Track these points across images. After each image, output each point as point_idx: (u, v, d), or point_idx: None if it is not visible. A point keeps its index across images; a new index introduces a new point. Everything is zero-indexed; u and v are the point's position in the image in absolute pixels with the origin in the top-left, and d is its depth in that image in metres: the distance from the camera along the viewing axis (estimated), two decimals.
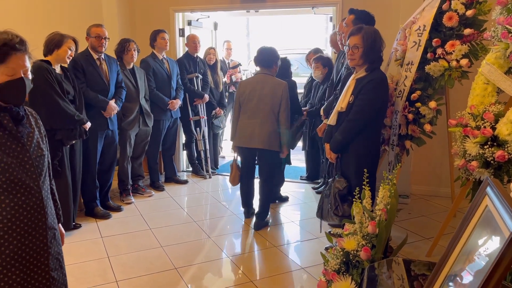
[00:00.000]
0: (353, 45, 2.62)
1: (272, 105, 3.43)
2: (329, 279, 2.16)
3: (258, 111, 3.44)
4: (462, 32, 2.83)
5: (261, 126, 3.43)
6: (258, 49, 3.59)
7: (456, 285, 1.09)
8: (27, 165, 1.43)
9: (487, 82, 2.44)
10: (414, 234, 3.34)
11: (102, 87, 3.61)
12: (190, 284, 2.65)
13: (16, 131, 1.42)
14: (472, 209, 1.18)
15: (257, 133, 3.44)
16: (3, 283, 1.40)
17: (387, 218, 2.07)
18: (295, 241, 3.36)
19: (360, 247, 2.04)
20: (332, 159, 2.82)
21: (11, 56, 1.36)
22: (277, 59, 3.55)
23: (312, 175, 4.87)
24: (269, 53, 3.51)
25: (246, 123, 3.49)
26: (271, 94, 3.43)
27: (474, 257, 1.07)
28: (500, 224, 0.97)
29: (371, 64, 2.63)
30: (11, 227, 1.40)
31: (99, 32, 3.58)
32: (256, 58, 3.56)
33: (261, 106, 3.44)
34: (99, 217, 3.69)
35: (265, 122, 3.43)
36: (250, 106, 3.48)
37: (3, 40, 1.36)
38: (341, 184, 2.74)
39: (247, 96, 3.49)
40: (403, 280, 1.55)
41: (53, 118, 3.13)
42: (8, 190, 1.39)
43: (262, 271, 2.83)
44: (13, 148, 1.41)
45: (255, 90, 3.47)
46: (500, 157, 2.15)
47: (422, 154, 4.14)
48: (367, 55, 2.60)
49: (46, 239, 1.51)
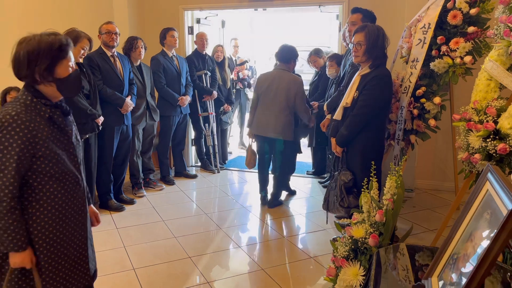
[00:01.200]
0: (356, 42, 2.73)
1: (287, 99, 3.71)
2: (338, 265, 2.27)
3: (274, 104, 3.73)
4: (466, 30, 2.92)
5: (276, 117, 3.72)
6: (279, 46, 3.88)
7: (459, 261, 1.19)
8: (71, 155, 1.61)
9: (490, 78, 2.53)
10: (418, 226, 3.45)
11: (118, 83, 3.73)
12: (204, 272, 2.77)
13: (64, 125, 1.59)
14: (474, 194, 1.29)
15: (272, 124, 3.74)
16: (67, 257, 1.62)
17: (394, 207, 2.18)
18: (303, 232, 3.47)
19: (368, 235, 2.15)
20: (338, 153, 2.93)
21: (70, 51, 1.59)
22: (295, 57, 3.85)
23: (319, 170, 4.97)
24: (289, 50, 3.81)
25: (263, 114, 3.80)
26: (286, 89, 3.71)
27: (476, 237, 1.17)
28: (499, 205, 1.07)
29: (374, 61, 2.73)
30: (65, 214, 1.59)
31: (109, 28, 3.70)
32: (277, 53, 3.85)
33: (277, 99, 3.72)
34: (113, 210, 3.82)
35: (280, 114, 3.72)
36: (267, 99, 3.77)
37: (66, 40, 1.57)
38: (346, 177, 2.84)
39: (265, 89, 3.79)
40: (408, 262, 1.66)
41: None
42: (60, 179, 1.56)
43: (272, 260, 2.95)
44: (61, 140, 1.58)
45: (272, 84, 3.76)
46: (502, 150, 2.25)
47: (426, 149, 4.24)
48: (370, 52, 2.70)
49: (86, 222, 1.70)
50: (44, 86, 1.54)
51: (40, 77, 1.52)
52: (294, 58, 3.82)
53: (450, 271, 1.22)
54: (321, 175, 4.92)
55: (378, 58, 2.73)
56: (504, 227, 0.96)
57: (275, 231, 3.47)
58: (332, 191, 2.98)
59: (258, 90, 3.88)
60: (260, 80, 3.89)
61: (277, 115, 3.72)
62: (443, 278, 1.25)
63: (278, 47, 3.88)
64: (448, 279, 1.20)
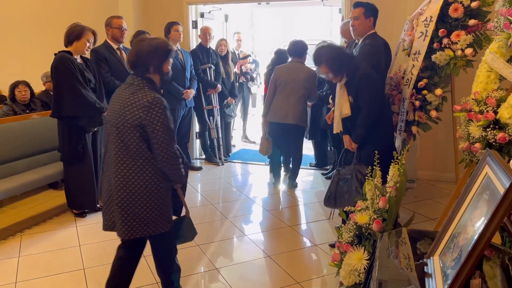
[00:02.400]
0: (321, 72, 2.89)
1: (306, 88, 4.07)
2: (343, 251, 2.36)
3: (292, 93, 4.06)
4: (467, 23, 2.98)
5: (295, 105, 4.07)
6: (290, 42, 4.25)
7: (459, 240, 1.27)
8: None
9: (490, 70, 2.59)
10: (420, 215, 3.53)
11: (125, 75, 3.73)
12: (212, 259, 2.86)
13: None
14: (473, 177, 1.37)
15: (291, 111, 4.07)
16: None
17: (396, 194, 2.26)
18: (308, 222, 3.56)
19: (372, 221, 2.23)
20: (353, 149, 2.97)
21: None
22: (306, 49, 4.19)
23: (321, 162, 5.06)
24: (300, 45, 4.18)
25: (282, 103, 4.11)
26: (305, 80, 4.06)
27: (475, 217, 1.25)
28: (498, 186, 1.15)
29: (348, 73, 2.81)
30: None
31: (121, 23, 3.78)
32: (289, 49, 4.22)
33: (295, 88, 4.06)
34: None
35: (298, 102, 4.08)
36: (287, 89, 4.09)
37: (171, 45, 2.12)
38: (363, 169, 2.88)
39: (284, 80, 4.10)
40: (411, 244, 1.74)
41: (76, 105, 3.31)
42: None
43: (278, 248, 3.04)
44: None
45: (291, 75, 4.09)
46: (502, 139, 2.33)
47: (428, 140, 4.31)
48: (339, 70, 2.81)
49: None
50: (153, 75, 2.02)
51: (153, 69, 2.00)
52: (305, 51, 4.18)
53: (450, 249, 1.30)
54: (324, 166, 5.01)
55: (350, 70, 2.81)
56: (501, 203, 1.03)
57: (280, 220, 3.56)
58: (343, 183, 2.99)
59: (276, 80, 4.14)
60: (278, 72, 4.16)
61: (295, 103, 4.06)
62: (444, 256, 1.33)
63: (289, 43, 4.22)
64: (449, 256, 1.28)
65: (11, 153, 3.61)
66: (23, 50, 5.61)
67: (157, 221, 2.05)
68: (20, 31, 5.57)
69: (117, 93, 2.04)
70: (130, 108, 1.92)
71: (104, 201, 2.12)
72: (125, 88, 2.00)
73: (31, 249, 3.02)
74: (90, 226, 3.41)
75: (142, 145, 1.94)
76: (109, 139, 2.02)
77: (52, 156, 3.89)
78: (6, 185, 3.28)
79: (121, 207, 1.99)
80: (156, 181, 2.00)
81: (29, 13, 5.47)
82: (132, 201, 1.98)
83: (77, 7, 5.23)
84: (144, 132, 1.92)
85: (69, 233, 3.28)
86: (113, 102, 2.03)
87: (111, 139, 2.00)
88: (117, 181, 1.98)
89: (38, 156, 3.86)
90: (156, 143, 1.93)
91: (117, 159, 1.97)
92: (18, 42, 5.62)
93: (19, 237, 3.22)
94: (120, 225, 2.02)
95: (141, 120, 1.90)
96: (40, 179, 3.59)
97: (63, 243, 3.12)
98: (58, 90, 3.31)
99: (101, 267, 2.75)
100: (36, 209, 3.77)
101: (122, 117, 1.93)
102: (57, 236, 3.23)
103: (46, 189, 4.29)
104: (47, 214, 3.67)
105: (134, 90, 1.96)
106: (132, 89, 1.96)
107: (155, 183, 2.00)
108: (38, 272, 2.71)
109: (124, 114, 1.93)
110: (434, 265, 1.35)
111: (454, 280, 1.11)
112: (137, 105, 1.91)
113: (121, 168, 1.97)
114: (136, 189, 1.98)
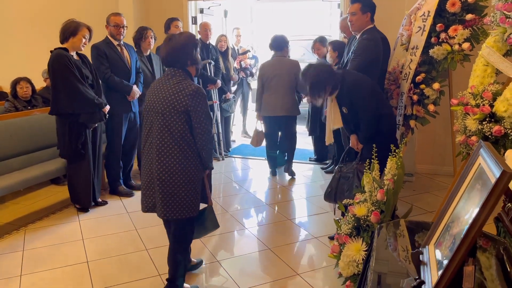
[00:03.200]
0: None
1: (290, 79, 4.26)
2: (341, 242, 2.40)
3: (278, 87, 4.27)
4: (464, 18, 3.02)
5: (283, 98, 4.28)
6: (271, 37, 4.40)
7: (453, 228, 1.32)
8: None
9: (486, 64, 2.63)
10: (418, 208, 3.58)
11: (125, 71, 3.82)
12: (214, 252, 2.91)
13: None
14: (467, 168, 1.41)
15: (280, 104, 4.29)
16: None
17: (394, 187, 2.30)
18: (307, 215, 3.61)
19: (370, 213, 2.27)
20: (358, 149, 3.00)
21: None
22: (287, 43, 4.36)
23: (320, 157, 5.10)
24: (280, 39, 4.37)
25: (270, 98, 4.32)
26: (288, 72, 4.26)
27: (468, 205, 1.29)
28: (490, 176, 1.19)
29: (334, 89, 2.86)
30: None
31: (117, 21, 3.78)
32: (271, 44, 4.32)
33: (280, 82, 4.25)
34: (123, 195, 3.95)
35: (285, 94, 4.28)
36: (272, 84, 4.29)
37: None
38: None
39: (268, 75, 4.30)
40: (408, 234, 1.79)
41: (74, 102, 3.32)
42: None
43: (278, 240, 3.09)
44: None
45: (275, 70, 4.29)
46: (497, 132, 2.36)
47: (426, 134, 4.36)
48: (323, 90, 2.84)
49: None
50: (190, 68, 2.22)
51: (190, 62, 2.20)
52: (286, 45, 4.36)
53: (445, 237, 1.34)
54: (323, 161, 5.05)
55: (336, 85, 2.86)
56: (493, 192, 1.07)
57: (280, 214, 3.60)
58: (344, 179, 3.03)
59: (262, 78, 4.35)
60: (262, 69, 4.39)
61: (283, 95, 4.26)
62: (439, 245, 1.37)
63: (270, 39, 4.43)
64: (444, 244, 1.33)
65: (13, 149, 3.64)
66: (24, 47, 5.63)
67: (191, 204, 2.23)
68: (21, 27, 5.60)
69: (159, 84, 2.22)
70: (177, 96, 2.12)
71: (144, 185, 2.29)
72: (168, 79, 2.19)
73: (35, 243, 3.06)
74: (93, 221, 3.46)
75: (185, 129, 2.15)
76: (152, 126, 2.20)
77: (54, 152, 3.93)
78: (9, 181, 3.31)
79: (162, 187, 2.17)
80: (194, 164, 2.20)
81: (30, 10, 5.49)
82: (172, 182, 2.16)
83: (78, 4, 5.25)
84: (188, 117, 2.14)
85: (72, 227, 3.33)
86: (155, 91, 2.21)
87: (155, 125, 2.18)
88: (160, 164, 2.16)
89: (40, 152, 3.90)
90: (198, 127, 2.15)
91: (161, 142, 2.16)
92: (19, 38, 5.64)
93: (23, 231, 3.27)
94: (160, 206, 2.21)
95: (187, 106, 2.12)
96: (42, 174, 3.62)
97: (66, 237, 3.17)
98: (55, 88, 3.33)
99: (105, 260, 2.80)
100: (39, 204, 3.82)
101: (169, 104, 2.13)
102: (60, 230, 3.28)
103: (49, 185, 4.34)
104: (50, 209, 3.72)
105: (179, 81, 2.16)
106: (176, 79, 2.17)
107: (194, 165, 2.20)
108: (42, 265, 2.76)
109: (171, 101, 2.13)
110: (429, 254, 1.39)
111: (448, 266, 1.15)
112: (183, 94, 2.12)
113: (164, 151, 2.15)
114: (177, 170, 2.16)
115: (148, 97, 2.26)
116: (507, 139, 2.36)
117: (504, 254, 1.60)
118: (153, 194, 2.25)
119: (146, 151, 2.26)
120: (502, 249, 1.64)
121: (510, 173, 1.06)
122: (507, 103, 2.33)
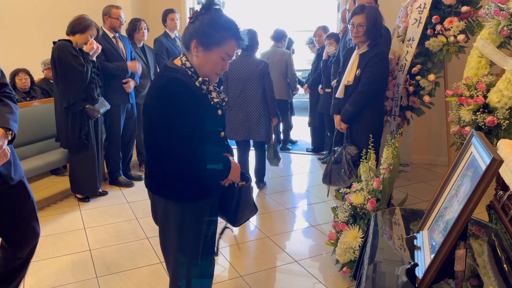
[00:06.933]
0: (357, 23, 2.85)
1: (280, 67, 4.81)
2: (338, 230, 2.47)
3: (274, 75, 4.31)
4: (460, 10, 3.06)
5: (276, 85, 4.24)
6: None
7: (445, 214, 1.38)
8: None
9: (481, 56, 2.68)
10: (413, 197, 3.65)
11: (121, 62, 3.85)
12: None
13: None
14: (460, 157, 1.47)
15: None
16: None
17: (390, 176, 2.36)
18: (305, 204, 3.67)
19: (366, 201, 2.34)
20: (342, 129, 3.07)
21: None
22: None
23: (317, 148, 5.16)
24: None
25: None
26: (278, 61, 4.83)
27: (460, 192, 1.35)
28: (480, 164, 1.25)
29: (373, 41, 2.87)
30: None
31: (120, 14, 3.82)
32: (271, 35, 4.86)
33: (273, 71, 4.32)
34: (123, 186, 4.00)
35: (278, 81, 4.68)
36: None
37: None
38: (352, 151, 2.98)
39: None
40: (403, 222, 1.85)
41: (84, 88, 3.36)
42: None
43: (276, 229, 3.15)
44: None
45: (268, 59, 4.47)
46: (490, 122, 2.43)
47: (421, 125, 4.42)
48: (370, 32, 2.83)
49: None
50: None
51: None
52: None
53: (438, 223, 1.41)
54: (320, 151, 5.11)
55: (376, 38, 2.87)
56: (483, 178, 1.13)
57: (278, 203, 3.67)
58: (335, 165, 3.12)
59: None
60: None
61: (277, 82, 4.58)
62: (432, 230, 1.44)
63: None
64: (436, 229, 1.39)
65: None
66: (22, 38, 5.62)
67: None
68: (19, 19, 5.57)
69: (241, 60, 3.61)
70: (257, 67, 3.56)
71: (240, 123, 3.68)
72: (247, 56, 3.62)
73: None
74: (94, 210, 3.51)
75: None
76: (245, 87, 3.61)
77: (54, 142, 3.97)
78: None
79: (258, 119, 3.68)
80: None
81: (28, 1, 5.47)
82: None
83: None
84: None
85: (73, 217, 3.38)
86: (241, 65, 3.59)
87: (248, 86, 3.60)
88: (256, 106, 3.63)
89: (40, 143, 3.94)
90: (268, 86, 3.59)
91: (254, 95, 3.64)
92: (17, 30, 5.63)
93: None
94: (255, 131, 3.68)
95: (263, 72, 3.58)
96: (43, 165, 3.66)
97: (68, 226, 3.22)
98: (63, 76, 3.32)
99: (107, 248, 2.86)
100: (39, 195, 3.86)
101: (254, 72, 3.57)
102: (62, 220, 3.33)
103: (49, 175, 4.38)
104: (51, 199, 3.76)
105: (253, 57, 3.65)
106: (252, 56, 3.65)
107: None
108: (45, 253, 2.81)
109: (255, 71, 3.55)
110: (423, 238, 1.46)
111: (440, 249, 1.21)
112: (259, 65, 3.54)
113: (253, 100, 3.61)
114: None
115: (235, 72, 3.50)
116: (500, 129, 2.42)
117: (495, 240, 1.67)
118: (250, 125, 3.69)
119: (238, 104, 3.71)
120: (493, 235, 1.71)
121: (499, 160, 1.12)
122: (500, 94, 2.40)
